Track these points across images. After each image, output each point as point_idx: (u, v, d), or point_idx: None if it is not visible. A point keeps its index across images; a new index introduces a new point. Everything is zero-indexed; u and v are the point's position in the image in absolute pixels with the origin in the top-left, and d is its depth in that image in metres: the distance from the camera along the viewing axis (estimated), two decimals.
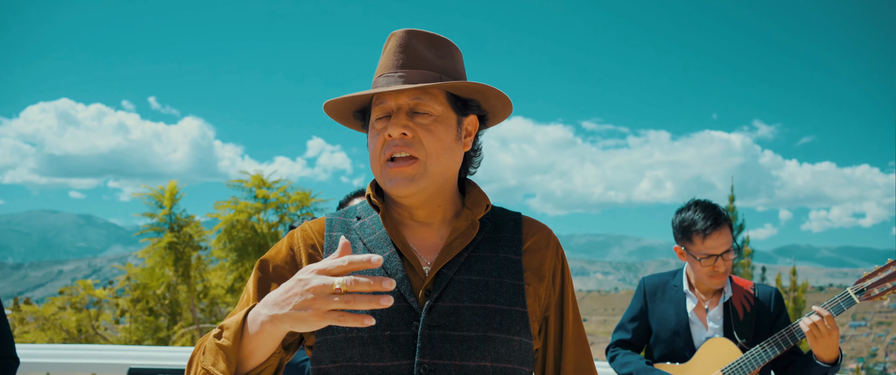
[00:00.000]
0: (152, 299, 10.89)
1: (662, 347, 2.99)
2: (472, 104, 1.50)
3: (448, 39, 1.52)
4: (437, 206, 1.51)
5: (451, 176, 1.49)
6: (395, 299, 1.40)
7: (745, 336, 2.85)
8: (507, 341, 1.41)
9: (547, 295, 1.51)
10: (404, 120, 1.43)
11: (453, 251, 1.45)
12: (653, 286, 3.07)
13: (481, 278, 1.44)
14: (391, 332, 1.39)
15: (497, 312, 1.42)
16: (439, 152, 1.43)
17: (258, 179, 10.76)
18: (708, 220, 2.84)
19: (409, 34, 1.48)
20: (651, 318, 3.04)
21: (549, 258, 1.53)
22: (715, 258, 2.83)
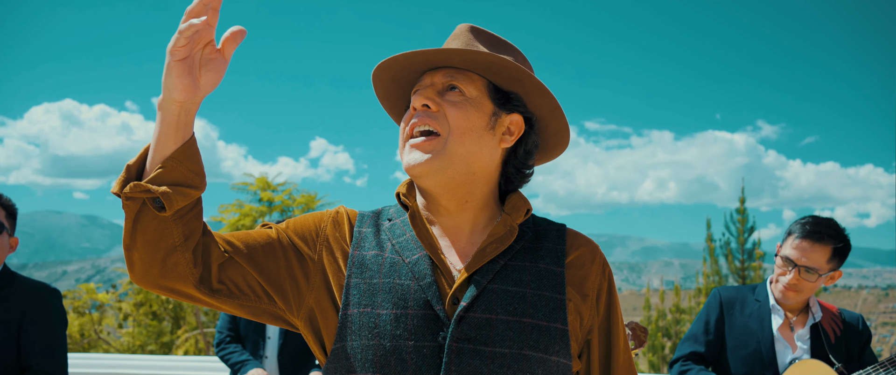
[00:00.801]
0: (156, 303, 10.78)
1: (740, 365, 2.74)
2: (514, 98, 1.40)
3: (512, 44, 1.45)
4: (464, 200, 1.38)
5: (478, 166, 1.36)
6: (421, 305, 1.28)
7: (839, 359, 2.65)
8: (544, 361, 1.27)
9: (590, 316, 1.38)
10: (431, 93, 1.36)
11: (487, 257, 1.33)
12: (730, 298, 2.84)
13: (518, 289, 1.31)
14: (416, 342, 1.26)
15: (534, 328, 1.28)
16: (463, 130, 1.33)
17: (263, 181, 10.66)
18: (815, 227, 2.64)
19: (468, 27, 1.43)
20: (728, 332, 2.80)
21: (594, 274, 1.40)
22: (791, 265, 2.64)
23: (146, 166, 1.22)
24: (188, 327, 10.88)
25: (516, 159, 1.42)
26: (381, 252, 1.36)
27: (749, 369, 2.72)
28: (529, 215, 1.43)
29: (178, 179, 1.20)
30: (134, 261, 1.23)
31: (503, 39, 1.44)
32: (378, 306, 1.29)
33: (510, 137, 1.40)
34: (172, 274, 1.24)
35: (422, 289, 1.30)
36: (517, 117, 1.40)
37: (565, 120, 1.44)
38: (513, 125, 1.40)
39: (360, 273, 1.34)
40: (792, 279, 2.65)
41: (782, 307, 2.76)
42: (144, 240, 1.21)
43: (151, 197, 1.20)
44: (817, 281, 2.65)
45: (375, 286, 1.31)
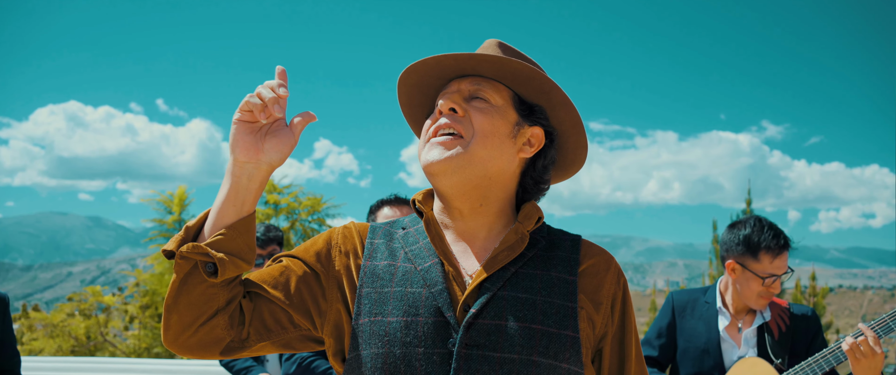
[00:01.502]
0: (162, 306, 10.81)
1: (690, 366, 2.86)
2: (538, 111, 1.44)
3: (537, 64, 1.48)
4: (479, 205, 1.40)
5: (494, 171, 1.38)
6: (432, 312, 1.30)
7: (780, 356, 2.72)
8: (554, 368, 1.28)
9: (603, 324, 1.38)
10: (458, 99, 1.40)
11: (498, 264, 1.34)
12: (682, 302, 2.95)
13: (529, 296, 1.32)
14: (425, 349, 1.27)
15: (544, 334, 1.29)
16: (487, 134, 1.36)
17: (269, 184, 10.69)
18: (779, 239, 2.73)
19: (497, 42, 1.46)
20: (679, 335, 2.91)
21: (607, 284, 1.41)
22: (775, 278, 2.72)
23: (204, 229, 1.27)
24: None
25: (534, 171, 1.46)
26: (393, 262, 1.38)
27: (697, 369, 2.82)
28: (541, 224, 1.44)
29: (234, 249, 1.25)
30: (171, 323, 1.27)
31: (528, 57, 1.48)
32: (388, 314, 1.31)
33: (530, 149, 1.43)
34: (208, 337, 1.28)
35: (433, 296, 1.31)
36: (539, 130, 1.44)
37: (585, 137, 1.47)
38: (534, 137, 1.44)
39: (372, 283, 1.36)
40: (776, 287, 2.74)
41: (729, 309, 2.85)
42: (188, 302, 1.25)
43: (205, 261, 1.24)
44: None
45: (386, 295, 1.33)
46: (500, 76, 1.41)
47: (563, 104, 1.43)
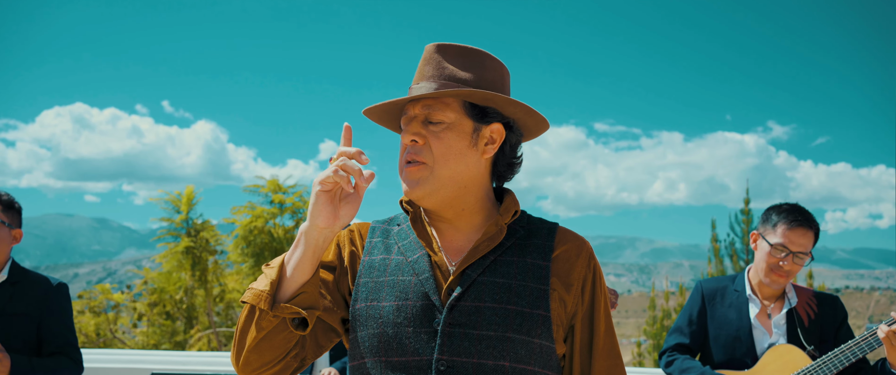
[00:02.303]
0: (169, 303, 10.98)
1: (722, 353, 2.91)
2: (491, 112, 1.54)
3: (482, 51, 1.57)
4: (462, 209, 1.56)
5: (467, 180, 1.54)
6: (420, 297, 1.48)
7: (812, 342, 2.79)
8: (527, 342, 1.45)
9: (574, 304, 1.54)
10: (417, 128, 1.52)
11: (479, 253, 1.51)
12: (711, 290, 2.99)
13: (505, 280, 1.49)
14: (414, 328, 1.46)
15: (518, 314, 1.46)
16: (447, 157, 1.50)
17: (274, 183, 10.86)
18: (798, 214, 2.82)
19: (437, 47, 1.56)
20: (710, 322, 2.95)
21: (578, 267, 1.56)
22: (788, 253, 2.78)
23: (283, 285, 1.42)
24: (201, 326, 11.09)
25: (504, 156, 1.59)
26: (388, 256, 1.57)
27: (730, 356, 2.87)
28: (518, 216, 1.60)
29: (314, 303, 1.43)
30: (251, 361, 1.44)
31: (472, 50, 1.57)
32: (382, 299, 1.50)
33: (493, 146, 1.56)
34: (283, 371, 1.47)
35: (421, 283, 1.50)
36: (497, 126, 1.55)
37: (539, 115, 1.58)
38: (494, 134, 1.56)
39: (369, 274, 1.55)
40: (787, 266, 2.78)
41: (758, 296, 2.90)
42: (270, 346, 1.42)
43: (296, 317, 1.42)
44: (803, 265, 2.81)
45: (381, 284, 1.53)
46: (445, 97, 1.52)
47: (509, 103, 1.53)
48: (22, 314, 2.77)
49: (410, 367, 1.44)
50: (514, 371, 1.44)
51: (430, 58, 1.56)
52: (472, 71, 1.54)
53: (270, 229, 10.56)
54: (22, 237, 2.89)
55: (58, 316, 2.85)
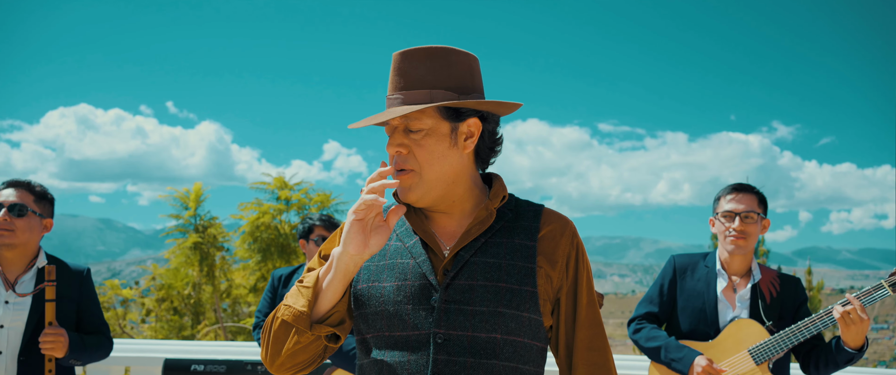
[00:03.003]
0: (177, 299, 11.15)
1: (687, 323, 3.07)
2: (464, 110, 1.64)
3: (446, 48, 1.65)
4: (452, 202, 1.69)
5: (453, 177, 1.66)
6: (418, 277, 1.62)
7: (771, 318, 2.95)
8: (517, 316, 1.59)
9: (559, 279, 1.68)
10: (399, 139, 1.63)
11: (470, 237, 1.65)
12: (683, 264, 3.16)
13: (495, 260, 1.63)
14: (413, 306, 1.60)
15: (507, 290, 1.59)
16: (431, 161, 1.62)
17: (280, 181, 11.03)
18: (738, 183, 3.08)
19: (403, 56, 1.64)
20: (679, 293, 3.12)
21: (563, 245, 1.69)
22: (734, 216, 2.99)
23: (316, 305, 1.59)
24: (209, 321, 11.26)
25: (484, 144, 1.70)
26: (387, 242, 1.70)
27: (694, 326, 3.05)
28: (506, 200, 1.74)
29: (340, 319, 1.63)
30: (284, 364, 1.62)
31: (437, 50, 1.64)
32: (383, 281, 1.66)
33: (472, 139, 1.66)
34: (310, 371, 1.67)
35: (418, 265, 1.65)
36: (472, 120, 1.66)
37: (509, 104, 1.67)
38: (471, 128, 1.66)
39: (370, 259, 1.70)
40: (738, 226, 2.99)
41: (727, 271, 3.08)
42: (304, 353, 1.61)
43: (328, 334, 1.61)
44: (757, 226, 3.01)
45: (381, 267, 1.68)
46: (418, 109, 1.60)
47: (479, 105, 1.63)
48: (65, 297, 2.98)
49: (410, 340, 1.58)
50: (505, 343, 1.58)
51: (398, 68, 1.64)
52: (439, 72, 1.62)
53: (277, 226, 10.72)
54: (52, 227, 3.08)
55: (92, 299, 3.12)
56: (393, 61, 1.67)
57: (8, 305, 2.89)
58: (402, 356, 1.59)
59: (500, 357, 1.58)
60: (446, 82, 1.62)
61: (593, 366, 1.68)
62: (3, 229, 2.88)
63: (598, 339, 1.70)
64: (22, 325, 2.88)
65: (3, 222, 2.88)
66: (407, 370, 1.58)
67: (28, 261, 2.98)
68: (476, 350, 1.57)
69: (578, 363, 1.68)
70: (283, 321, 1.57)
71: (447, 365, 1.56)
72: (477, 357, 1.57)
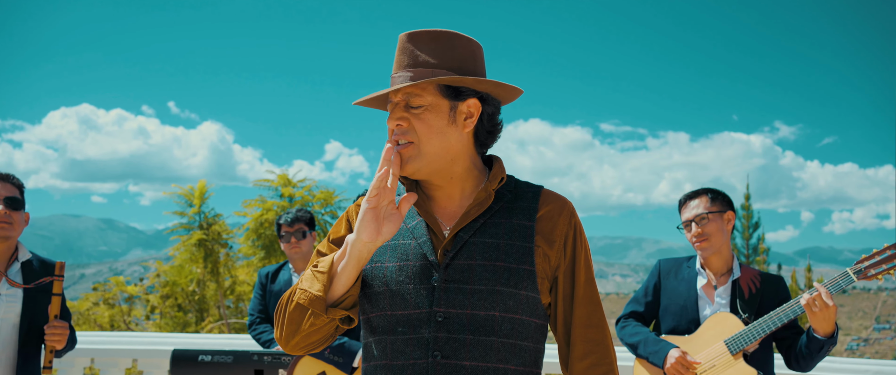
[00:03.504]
0: (181, 295, 11.22)
1: (670, 320, 3.22)
2: (464, 90, 1.69)
3: (451, 32, 1.71)
4: (451, 179, 1.73)
5: (453, 153, 1.70)
6: (419, 257, 1.68)
7: (748, 311, 3.06)
8: (514, 294, 1.64)
9: (557, 258, 1.72)
10: (400, 112, 1.68)
11: (470, 217, 1.70)
12: (668, 267, 3.33)
13: (494, 240, 1.67)
14: (414, 285, 1.65)
15: (506, 269, 1.64)
16: (430, 135, 1.66)
17: (284, 178, 11.10)
18: (687, 193, 3.26)
19: (409, 36, 1.70)
20: (663, 294, 3.28)
21: (560, 225, 1.73)
22: (690, 223, 3.17)
23: (331, 290, 1.63)
24: (212, 318, 11.33)
25: (483, 126, 1.74)
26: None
27: (676, 323, 3.20)
28: (505, 181, 1.77)
29: (353, 302, 1.66)
30: (301, 345, 1.68)
31: (441, 33, 1.70)
32: (386, 261, 1.72)
33: (471, 120, 1.71)
34: (323, 345, 1.73)
35: (419, 245, 1.69)
36: (472, 101, 1.70)
37: (509, 86, 1.73)
38: (470, 108, 1.70)
39: None
40: (696, 231, 3.15)
41: (707, 270, 3.22)
42: (317, 332, 1.66)
43: (342, 317, 1.66)
44: (717, 224, 3.14)
45: (384, 248, 1.74)
46: (420, 84, 1.66)
47: (477, 82, 1.68)
48: (47, 290, 3.01)
49: (412, 319, 1.64)
50: (503, 320, 1.63)
51: (403, 47, 1.70)
52: (443, 54, 1.67)
53: None
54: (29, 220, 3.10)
55: (63, 293, 3.09)
56: (398, 42, 1.72)
57: (1, 296, 2.92)
58: (404, 334, 1.64)
59: (498, 334, 1.63)
60: (449, 64, 1.67)
61: (591, 342, 1.72)
62: (4, 222, 2.91)
63: (595, 316, 1.74)
64: (15, 317, 2.91)
65: (4, 215, 2.90)
66: (410, 347, 1.63)
67: (10, 254, 3.01)
68: (475, 328, 1.62)
69: (577, 339, 1.72)
70: (299, 303, 1.61)
71: (448, 343, 1.61)
72: (476, 335, 1.62)
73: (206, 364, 4.02)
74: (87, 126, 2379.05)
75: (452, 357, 1.61)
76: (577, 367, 1.72)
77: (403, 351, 1.64)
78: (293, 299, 1.64)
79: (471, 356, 1.61)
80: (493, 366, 1.62)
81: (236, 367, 3.78)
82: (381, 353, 1.68)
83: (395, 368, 1.65)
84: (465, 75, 1.69)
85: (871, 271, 2.89)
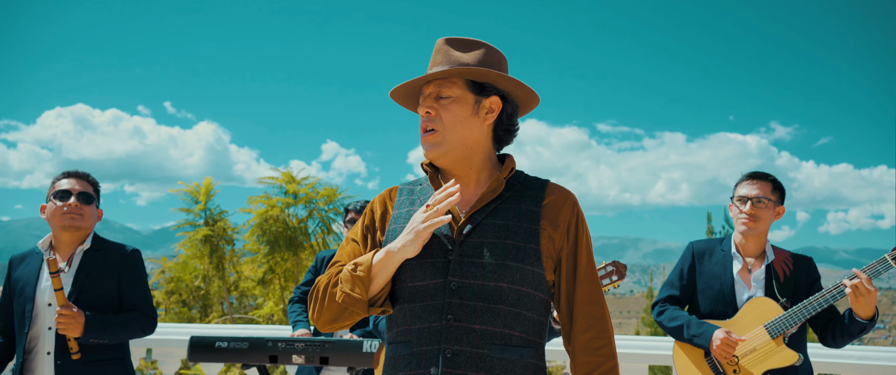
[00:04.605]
0: (185, 292, 11.35)
1: (707, 305, 3.26)
2: (488, 87, 1.93)
3: (484, 42, 1.98)
4: (469, 168, 1.96)
5: (473, 143, 1.93)
6: (438, 235, 1.89)
7: (785, 295, 3.15)
8: (521, 269, 1.85)
9: (561, 241, 1.93)
10: (430, 102, 1.92)
11: (483, 202, 1.92)
12: (701, 249, 3.36)
13: (504, 222, 1.89)
14: (432, 259, 1.87)
15: (513, 246, 1.86)
16: (455, 124, 1.90)
17: (288, 176, 11.25)
18: (753, 172, 3.31)
19: (446, 40, 1.98)
20: (698, 277, 3.31)
21: (564, 212, 1.95)
22: (747, 201, 3.19)
23: (368, 289, 1.87)
24: (216, 313, 11.46)
25: (502, 124, 1.98)
26: (412, 208, 2.01)
27: (714, 307, 3.26)
28: (514, 172, 1.99)
29: (384, 299, 1.91)
30: (333, 326, 1.91)
31: (474, 41, 1.98)
32: None
33: (492, 115, 1.95)
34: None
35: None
36: (495, 98, 1.94)
37: (529, 89, 1.98)
38: (492, 105, 1.94)
39: (397, 222, 2.00)
40: (749, 210, 3.18)
41: (742, 254, 3.28)
42: (352, 322, 1.90)
43: (380, 311, 1.91)
44: (769, 212, 3.20)
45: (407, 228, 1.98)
46: (451, 77, 1.92)
47: (501, 78, 1.92)
48: (104, 275, 3.19)
49: (429, 288, 1.86)
50: (510, 291, 1.83)
51: (440, 49, 1.96)
52: (474, 56, 1.93)
53: (285, 219, 10.93)
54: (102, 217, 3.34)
55: (133, 277, 3.27)
56: (436, 44, 1.99)
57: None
58: (422, 299, 1.86)
59: (505, 303, 1.83)
60: (477, 65, 1.93)
61: (592, 318, 1.92)
62: (74, 213, 3.13)
63: (596, 295, 1.94)
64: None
65: (76, 207, 3.13)
66: (426, 312, 1.85)
67: (79, 244, 3.21)
68: (485, 296, 1.83)
69: (579, 315, 1.92)
70: (340, 303, 1.85)
71: (460, 308, 1.83)
72: (485, 302, 1.83)
73: (223, 349, 4.16)
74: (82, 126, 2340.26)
75: (464, 320, 1.82)
76: (580, 339, 1.91)
77: (421, 316, 1.86)
78: (335, 296, 1.87)
79: (480, 320, 1.82)
80: (499, 331, 1.83)
81: (252, 353, 3.91)
82: (402, 320, 1.90)
83: (413, 331, 1.87)
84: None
85: None
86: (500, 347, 1.82)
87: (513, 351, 1.84)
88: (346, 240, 2.07)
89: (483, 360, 1.81)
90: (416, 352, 1.85)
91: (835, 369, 4.11)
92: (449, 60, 1.94)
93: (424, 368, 1.83)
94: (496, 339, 1.82)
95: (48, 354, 3.07)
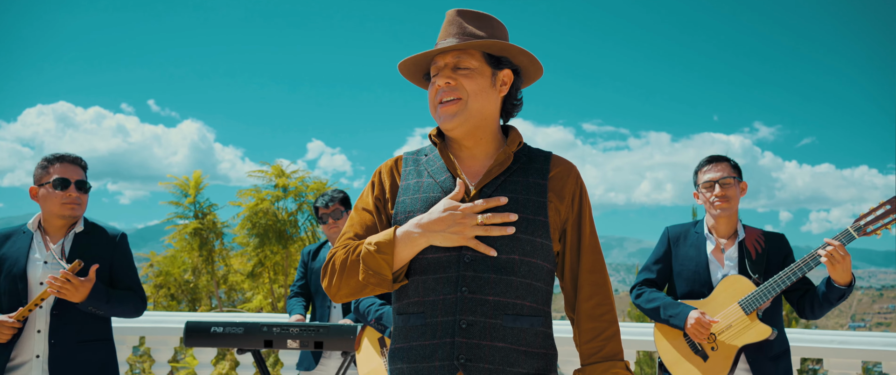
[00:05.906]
0: (173, 286, 11.33)
1: (684, 285, 3.36)
2: (504, 60, 1.98)
3: (492, 16, 2.02)
4: (480, 139, 1.99)
5: (488, 114, 1.97)
6: None
7: (757, 272, 3.25)
8: (531, 241, 1.89)
9: (566, 212, 1.99)
10: (448, 73, 1.94)
11: (492, 175, 1.96)
12: (676, 234, 3.47)
13: (513, 195, 1.93)
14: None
15: (523, 220, 1.90)
16: (477, 92, 1.93)
17: (278, 169, 11.26)
18: (709, 156, 3.41)
19: (458, 12, 2.00)
20: (674, 260, 3.43)
21: (569, 184, 2.01)
22: (714, 184, 3.31)
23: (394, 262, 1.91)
24: (205, 308, 11.45)
25: (511, 97, 2.04)
26: (419, 179, 2.05)
27: (690, 287, 3.37)
28: (521, 146, 2.04)
29: (402, 273, 1.94)
30: (348, 297, 1.95)
31: (486, 15, 2.00)
32: (417, 211, 1.99)
33: (505, 87, 2.00)
34: None
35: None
36: (508, 71, 2.00)
37: (538, 62, 2.04)
38: (506, 77, 2.00)
39: (405, 193, 2.04)
40: (719, 192, 3.30)
41: (714, 234, 3.40)
42: (372, 291, 1.93)
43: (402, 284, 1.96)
44: (736, 189, 3.32)
45: (417, 200, 2.02)
46: (470, 49, 1.94)
47: (520, 52, 1.98)
48: (97, 257, 3.21)
49: (442, 260, 1.90)
50: (521, 263, 1.89)
51: (452, 20, 1.98)
52: (487, 30, 1.97)
53: (275, 212, 10.94)
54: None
55: (124, 260, 3.32)
56: (447, 16, 2.02)
57: (47, 265, 3.14)
58: (436, 272, 1.90)
59: (517, 274, 1.88)
60: (493, 37, 1.97)
61: (596, 285, 2.00)
62: (74, 204, 3.15)
63: (599, 263, 2.02)
64: None
65: (76, 197, 3.16)
66: (440, 284, 1.89)
67: (72, 227, 3.24)
68: (498, 268, 1.87)
69: (583, 283, 1.99)
70: (360, 281, 1.89)
71: (474, 280, 1.87)
72: (498, 274, 1.87)
73: (219, 335, 4.20)
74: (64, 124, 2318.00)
75: (478, 292, 1.86)
76: (584, 306, 1.98)
77: (435, 288, 1.89)
78: (356, 271, 1.90)
79: (494, 292, 1.87)
80: (512, 301, 1.88)
81: (247, 337, 3.94)
82: (415, 291, 1.93)
83: (427, 303, 1.90)
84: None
85: (869, 227, 3.05)
86: (512, 317, 1.88)
87: (524, 320, 1.89)
88: (355, 209, 2.09)
89: (496, 329, 1.86)
90: (430, 323, 1.89)
91: (818, 353, 4.22)
92: (463, 32, 1.96)
93: (440, 338, 1.87)
94: (509, 309, 1.87)
95: (39, 332, 3.08)
